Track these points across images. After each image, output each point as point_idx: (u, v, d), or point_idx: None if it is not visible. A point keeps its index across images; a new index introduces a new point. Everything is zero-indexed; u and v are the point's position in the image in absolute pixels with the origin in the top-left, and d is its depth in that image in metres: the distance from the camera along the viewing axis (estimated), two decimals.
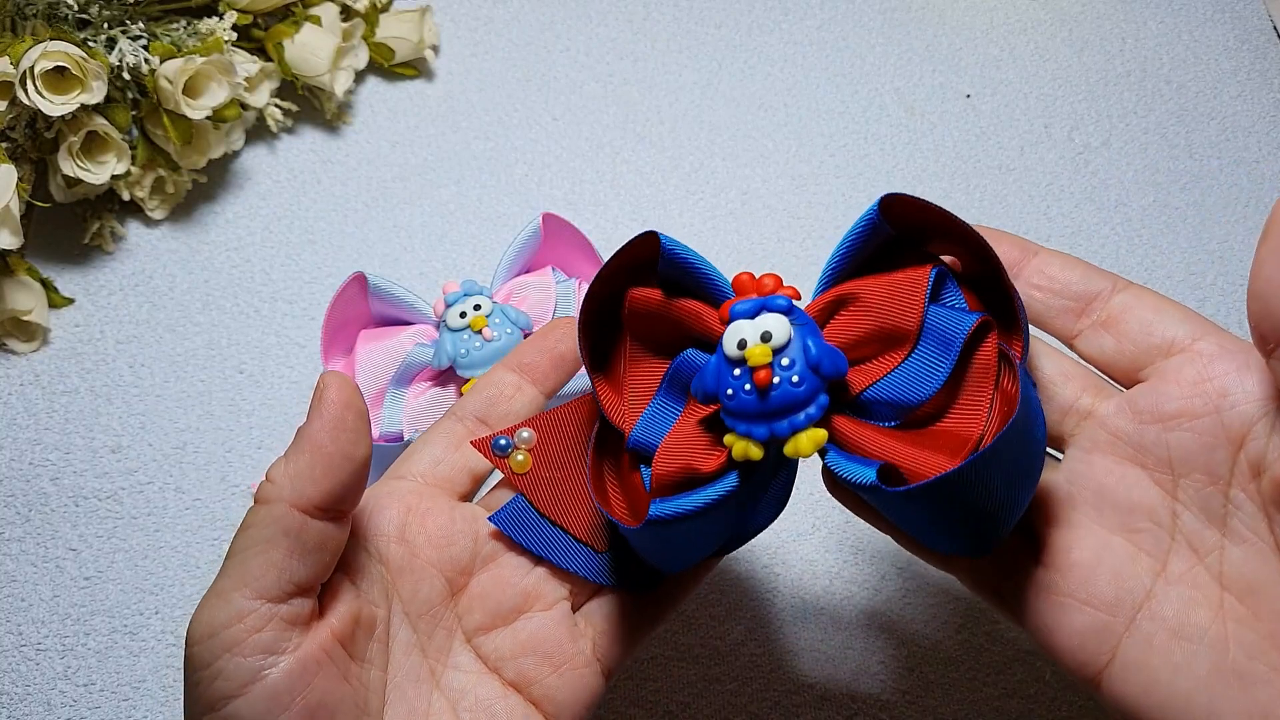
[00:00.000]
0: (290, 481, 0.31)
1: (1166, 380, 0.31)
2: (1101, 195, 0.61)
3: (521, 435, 0.36)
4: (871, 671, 0.48)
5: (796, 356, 0.30)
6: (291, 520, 0.30)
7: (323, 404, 0.31)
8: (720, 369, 0.31)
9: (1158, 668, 0.30)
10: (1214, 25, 0.67)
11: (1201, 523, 0.31)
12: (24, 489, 0.51)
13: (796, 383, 0.30)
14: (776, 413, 0.30)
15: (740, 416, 0.30)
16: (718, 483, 0.31)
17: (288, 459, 0.31)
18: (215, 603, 0.30)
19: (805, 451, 0.30)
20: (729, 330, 0.31)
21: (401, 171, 0.60)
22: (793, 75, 0.65)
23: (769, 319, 0.30)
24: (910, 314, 0.31)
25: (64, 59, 0.49)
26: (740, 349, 0.30)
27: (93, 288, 0.56)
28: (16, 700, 0.46)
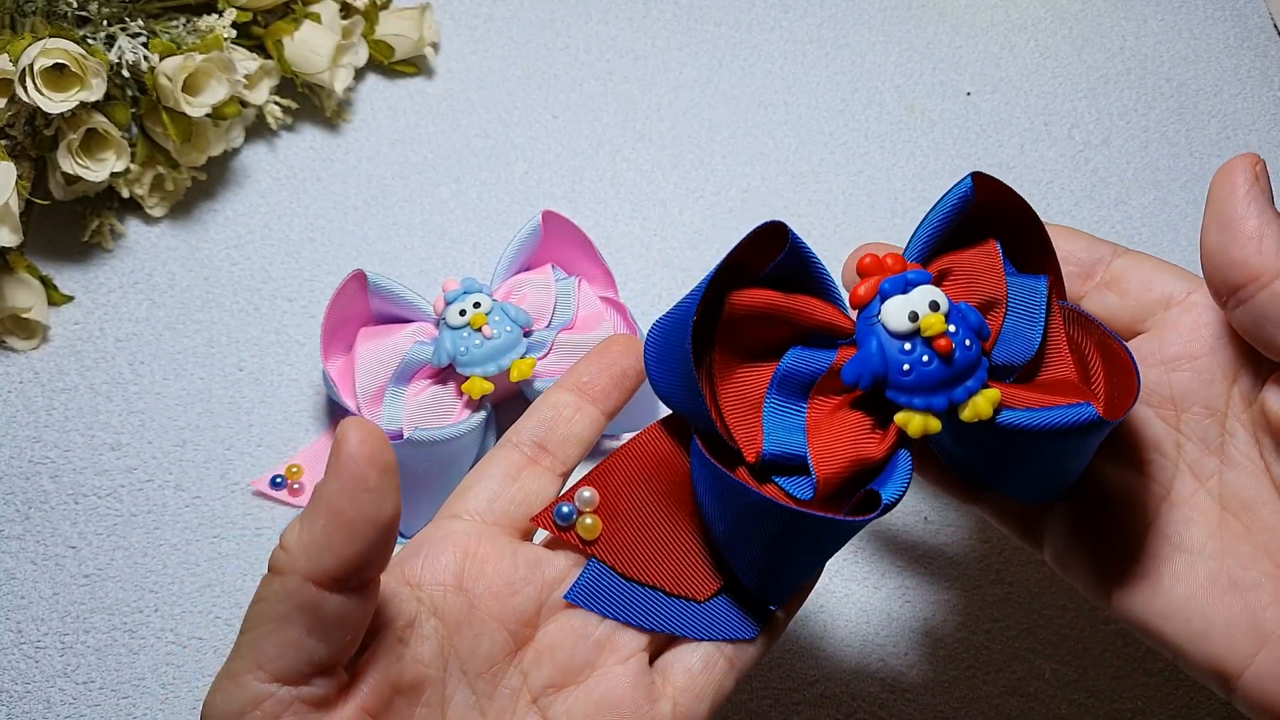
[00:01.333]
0: (305, 551, 0.27)
1: (1166, 329, 0.35)
2: (1102, 193, 0.61)
3: (583, 496, 0.33)
4: (870, 669, 0.48)
5: (958, 322, 0.30)
6: (307, 595, 0.27)
7: (341, 460, 0.27)
8: (886, 347, 0.30)
9: (1161, 575, 0.33)
10: (1214, 23, 0.67)
11: (1202, 451, 0.34)
12: (23, 486, 0.51)
13: (969, 346, 0.30)
14: (954, 379, 0.30)
15: (918, 390, 0.30)
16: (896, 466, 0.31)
17: (303, 523, 0.27)
18: (228, 686, 0.27)
19: (986, 413, 0.30)
20: (888, 307, 0.30)
21: (401, 169, 0.60)
22: (793, 73, 0.65)
23: (926, 290, 0.30)
24: (998, 283, 0.33)
25: (63, 56, 0.49)
26: (913, 321, 0.30)
27: (92, 285, 0.56)
28: (16, 698, 0.46)
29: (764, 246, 0.32)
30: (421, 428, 0.47)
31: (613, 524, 0.33)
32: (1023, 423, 0.30)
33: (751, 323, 0.32)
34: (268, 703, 0.27)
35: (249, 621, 0.28)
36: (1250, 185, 0.31)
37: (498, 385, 0.49)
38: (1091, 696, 0.47)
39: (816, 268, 0.32)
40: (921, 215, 0.60)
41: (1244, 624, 0.32)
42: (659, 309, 0.56)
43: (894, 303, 0.30)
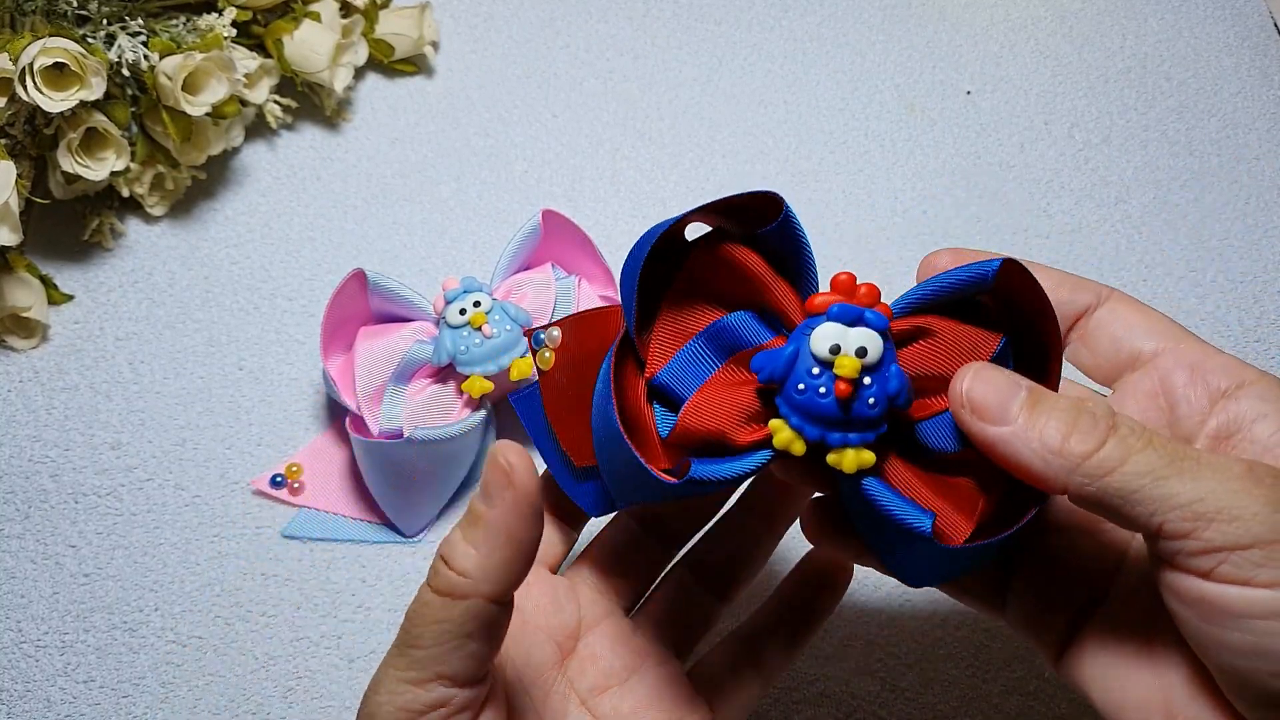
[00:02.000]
0: (486, 575, 0.29)
1: (1127, 395, 0.34)
2: (1101, 192, 0.61)
3: (552, 334, 0.36)
4: (871, 668, 0.48)
5: (877, 380, 0.30)
6: (489, 613, 0.30)
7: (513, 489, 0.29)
8: (799, 360, 0.30)
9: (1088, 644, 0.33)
10: (1214, 22, 0.67)
11: None
12: (23, 486, 0.51)
13: (872, 405, 0.30)
14: (838, 424, 0.30)
15: (800, 412, 0.30)
16: (749, 457, 0.31)
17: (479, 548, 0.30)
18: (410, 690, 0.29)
19: (848, 467, 0.30)
20: (821, 329, 0.30)
21: (401, 168, 0.60)
22: (793, 72, 0.65)
23: (866, 334, 0.30)
24: None
25: (63, 55, 0.49)
26: (832, 354, 0.30)
27: (92, 284, 0.56)
28: (16, 697, 0.46)
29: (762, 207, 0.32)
30: (422, 427, 0.47)
31: (559, 367, 0.36)
32: (872, 496, 0.31)
33: (724, 269, 0.33)
34: (454, 702, 0.30)
35: (427, 638, 0.29)
36: (998, 385, 0.30)
37: (498, 384, 0.49)
38: None
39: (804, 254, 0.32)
40: (921, 214, 0.60)
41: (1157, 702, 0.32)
42: None
43: (828, 328, 0.30)
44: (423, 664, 0.29)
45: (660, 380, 0.34)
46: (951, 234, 0.59)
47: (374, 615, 0.48)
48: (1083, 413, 0.29)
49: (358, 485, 0.51)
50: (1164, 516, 0.28)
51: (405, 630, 0.30)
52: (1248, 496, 0.27)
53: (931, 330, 0.32)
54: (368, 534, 0.50)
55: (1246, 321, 0.57)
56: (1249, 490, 0.27)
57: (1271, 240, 0.59)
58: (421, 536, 0.50)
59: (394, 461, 0.48)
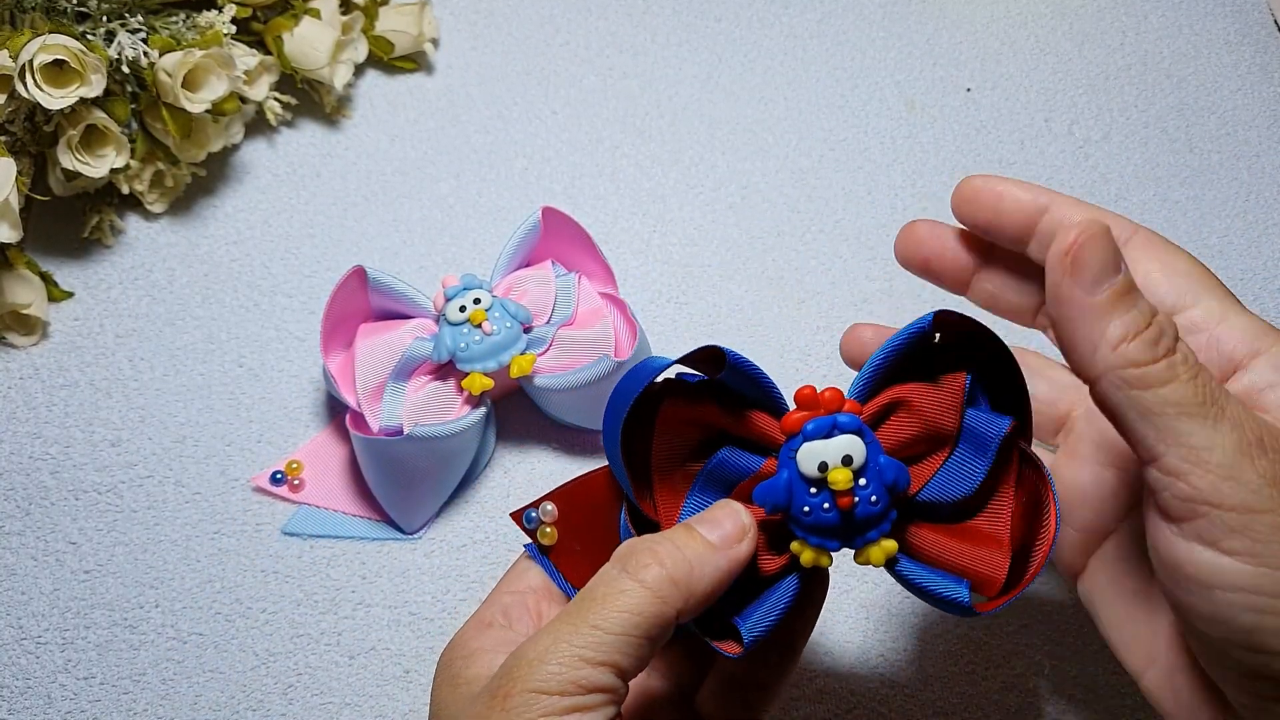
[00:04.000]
0: (688, 590, 0.31)
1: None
2: (1102, 190, 0.61)
3: (546, 509, 0.36)
4: (871, 665, 0.48)
5: (872, 477, 0.32)
6: (669, 627, 0.31)
7: (740, 546, 0.32)
8: (795, 486, 0.32)
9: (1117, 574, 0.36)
10: (1215, 19, 0.67)
11: None
12: (24, 482, 0.51)
13: (875, 502, 0.32)
14: (854, 529, 0.32)
15: (814, 532, 0.32)
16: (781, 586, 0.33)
17: (696, 567, 0.31)
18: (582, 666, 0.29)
19: (877, 562, 0.32)
20: (804, 451, 0.32)
21: (401, 165, 0.60)
22: (793, 69, 0.65)
23: (846, 441, 0.32)
24: (950, 417, 0.33)
25: (63, 52, 0.49)
26: (821, 471, 0.31)
27: (92, 281, 0.56)
28: (17, 694, 0.46)
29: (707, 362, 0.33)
30: (422, 424, 0.47)
31: (566, 537, 0.37)
32: (908, 577, 0.33)
33: (687, 424, 0.34)
34: (618, 692, 0.30)
35: (616, 624, 0.30)
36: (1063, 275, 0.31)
37: (498, 381, 0.49)
38: (1090, 692, 0.47)
39: (760, 380, 0.33)
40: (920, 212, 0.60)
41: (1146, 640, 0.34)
42: (659, 304, 0.56)
43: (810, 448, 0.32)
44: (604, 647, 0.30)
45: None
46: None
47: (374, 612, 0.48)
48: (1154, 324, 0.29)
49: (358, 482, 0.51)
50: (1167, 450, 0.28)
51: (591, 610, 0.30)
52: (1250, 462, 0.28)
53: (900, 400, 0.34)
54: (368, 531, 0.50)
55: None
56: (1254, 457, 0.28)
57: (1272, 238, 0.59)
58: (421, 534, 0.50)
59: (394, 458, 0.48)
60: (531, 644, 0.30)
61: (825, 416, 0.32)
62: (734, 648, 0.33)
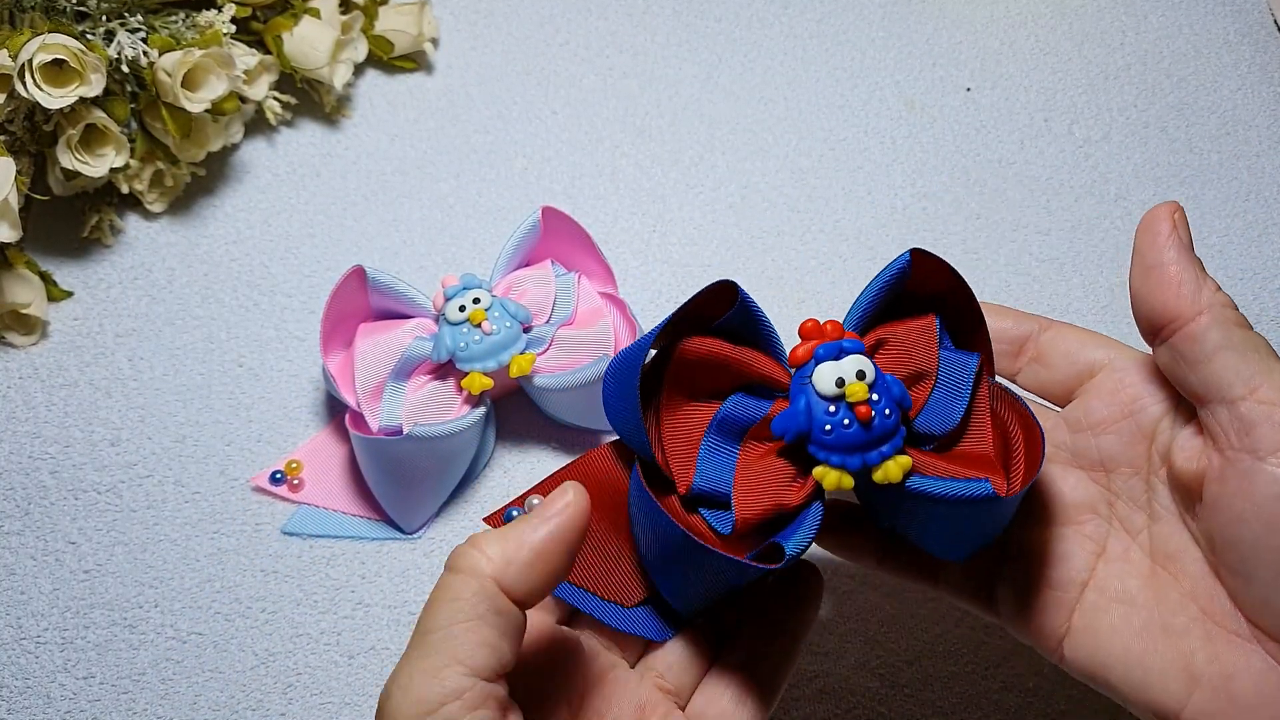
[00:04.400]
0: (505, 566, 0.30)
1: (1090, 396, 0.38)
2: (1101, 189, 0.61)
3: (531, 503, 0.36)
4: (871, 665, 0.48)
5: (881, 392, 0.33)
6: (499, 601, 0.30)
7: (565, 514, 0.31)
8: (813, 407, 0.33)
9: (1100, 629, 0.35)
10: (1215, 19, 0.67)
11: (1131, 508, 0.37)
12: (23, 482, 0.51)
13: (889, 415, 0.33)
14: (870, 444, 0.33)
15: (836, 450, 0.33)
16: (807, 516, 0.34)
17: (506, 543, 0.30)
18: (425, 680, 0.29)
19: (895, 477, 0.33)
20: (819, 371, 0.33)
21: (400, 165, 0.60)
22: (792, 69, 0.65)
23: (857, 360, 0.33)
24: (930, 357, 0.36)
25: (62, 52, 0.49)
26: (839, 386, 0.33)
27: (91, 281, 0.56)
28: (16, 694, 0.46)
29: (717, 300, 0.35)
30: (421, 423, 0.47)
31: None
32: (928, 490, 0.33)
33: (700, 367, 0.35)
34: (469, 694, 0.29)
35: (439, 619, 0.30)
36: (1170, 233, 0.35)
37: (497, 381, 0.49)
38: (1089, 692, 0.47)
39: (764, 326, 0.36)
40: (920, 211, 0.60)
41: (1177, 668, 0.34)
42: (659, 304, 0.56)
43: (825, 368, 0.33)
44: (437, 648, 0.29)
45: (698, 488, 0.35)
46: (951, 231, 0.59)
47: (373, 612, 0.48)
48: None
49: (357, 482, 0.51)
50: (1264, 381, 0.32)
51: (423, 620, 0.30)
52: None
53: (886, 338, 0.36)
54: (367, 531, 0.50)
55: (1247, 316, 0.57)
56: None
57: (1271, 237, 0.59)
58: (421, 533, 0.50)
59: (393, 458, 0.48)
60: (391, 681, 0.29)
61: (833, 342, 0.34)
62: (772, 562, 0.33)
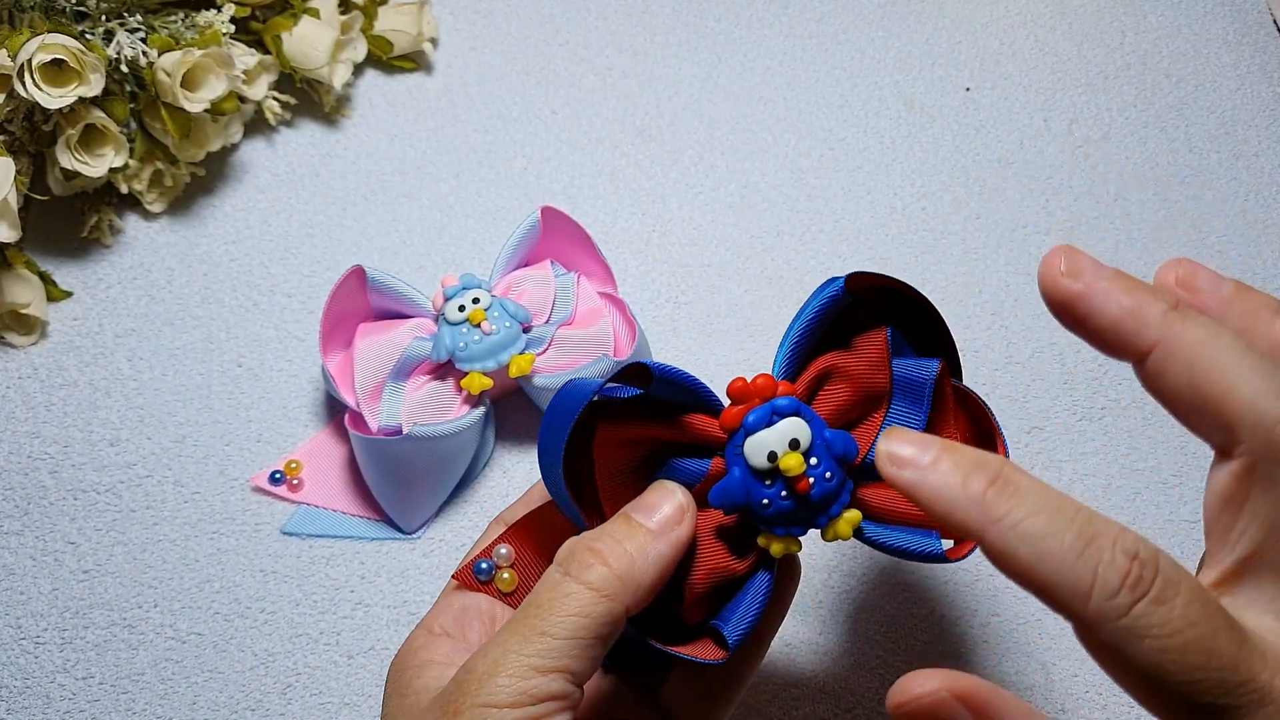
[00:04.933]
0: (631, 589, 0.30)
1: None
2: (1101, 189, 0.61)
3: (500, 553, 0.36)
4: (870, 664, 0.48)
5: (820, 454, 0.31)
6: (620, 625, 0.30)
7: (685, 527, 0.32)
8: (749, 482, 0.32)
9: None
10: (1214, 19, 0.67)
11: None
12: (22, 482, 0.51)
13: (829, 479, 0.32)
14: (815, 510, 0.32)
15: (779, 522, 0.32)
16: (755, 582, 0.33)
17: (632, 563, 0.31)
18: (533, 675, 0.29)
19: (846, 535, 0.32)
20: (750, 444, 0.31)
21: (400, 165, 0.60)
22: (792, 69, 0.65)
23: (789, 425, 0.31)
24: (881, 374, 0.34)
25: (62, 51, 0.49)
26: (772, 461, 0.31)
27: (91, 281, 0.56)
28: (15, 694, 0.46)
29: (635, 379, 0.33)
30: (420, 423, 0.47)
31: (528, 578, 0.36)
32: (880, 541, 0.32)
33: (625, 445, 0.33)
34: (572, 696, 0.30)
35: (564, 629, 0.30)
36: None
37: (497, 381, 0.49)
38: (1091, 691, 0.47)
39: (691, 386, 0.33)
40: (920, 211, 0.60)
41: None
42: (658, 304, 0.56)
43: (755, 440, 0.31)
44: (554, 654, 0.29)
45: None
46: (951, 231, 0.59)
47: (373, 612, 0.48)
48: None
49: (357, 482, 0.51)
50: None
51: (538, 617, 0.30)
52: None
53: (829, 369, 0.34)
54: (367, 531, 0.50)
55: None
56: None
57: (1271, 237, 0.59)
58: (420, 533, 0.50)
59: (393, 458, 0.48)
60: (480, 656, 0.30)
61: (762, 405, 0.32)
62: (716, 653, 0.33)
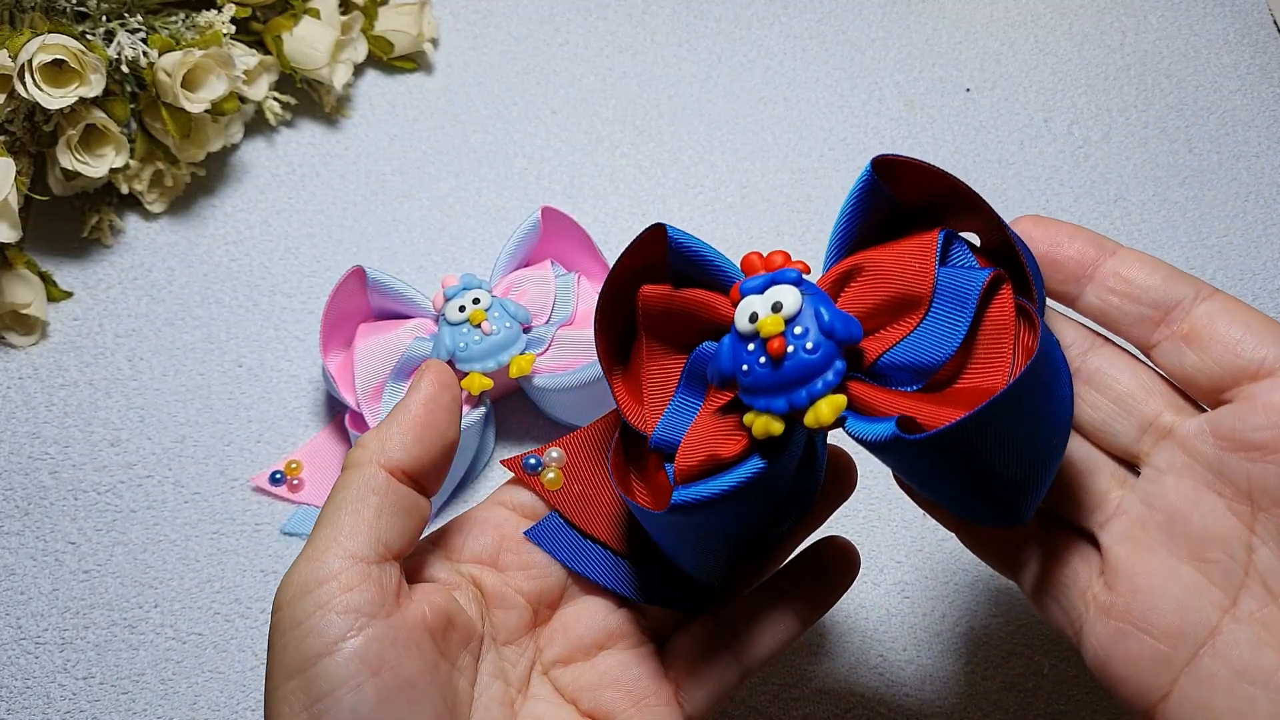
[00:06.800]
0: (380, 444, 0.32)
1: (1253, 406, 0.29)
2: (1101, 189, 0.61)
3: (551, 455, 0.36)
4: (869, 665, 0.48)
5: (809, 324, 0.29)
6: (380, 480, 0.31)
7: (421, 381, 0.33)
8: (734, 347, 0.30)
9: (1217, 710, 0.28)
10: (1214, 19, 0.67)
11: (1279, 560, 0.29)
12: (23, 482, 0.51)
13: (811, 349, 0.29)
14: (794, 383, 0.29)
15: (758, 392, 0.30)
16: (741, 466, 0.30)
17: (380, 426, 0.32)
18: (308, 563, 0.30)
19: (826, 419, 0.29)
20: (740, 307, 0.30)
21: (400, 165, 0.60)
22: (792, 69, 0.65)
23: (777, 291, 0.30)
24: (922, 278, 0.30)
25: (62, 52, 0.49)
26: (752, 322, 0.30)
27: (91, 281, 0.56)
28: (16, 694, 0.46)
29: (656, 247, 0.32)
30: None
31: (574, 482, 0.36)
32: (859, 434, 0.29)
33: (660, 317, 0.33)
34: (344, 575, 0.30)
35: (327, 511, 0.31)
36: None
37: (497, 381, 0.49)
38: (1089, 692, 0.47)
39: (708, 263, 0.32)
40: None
41: None
42: None
43: (744, 303, 0.30)
44: (318, 535, 0.30)
45: (658, 438, 0.33)
46: None
47: None
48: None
49: None
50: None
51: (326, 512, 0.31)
52: None
53: (861, 266, 0.31)
54: None
55: None
56: None
57: (1271, 238, 0.59)
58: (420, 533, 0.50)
59: None
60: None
61: (765, 274, 0.31)
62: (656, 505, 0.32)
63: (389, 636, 0.29)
